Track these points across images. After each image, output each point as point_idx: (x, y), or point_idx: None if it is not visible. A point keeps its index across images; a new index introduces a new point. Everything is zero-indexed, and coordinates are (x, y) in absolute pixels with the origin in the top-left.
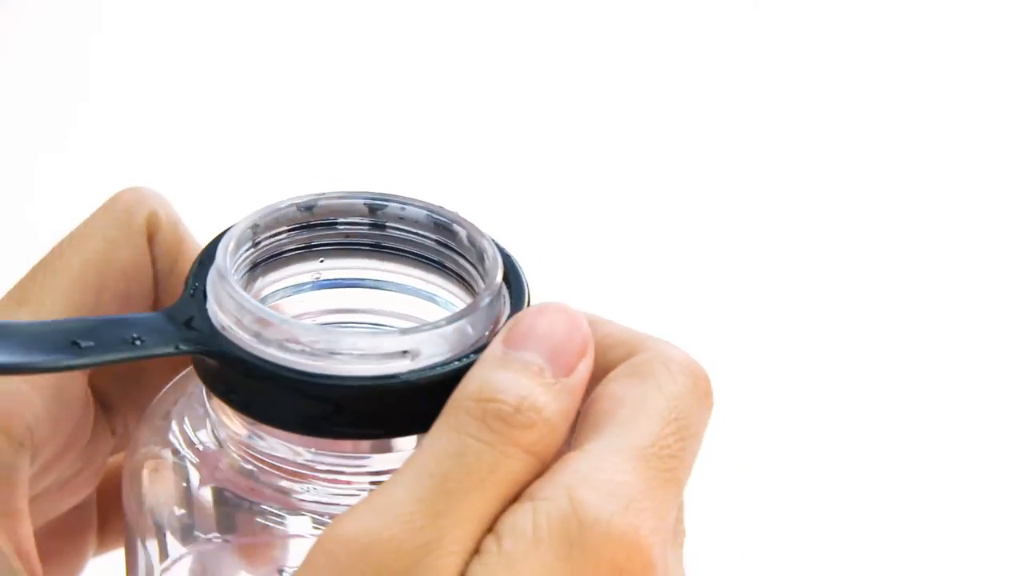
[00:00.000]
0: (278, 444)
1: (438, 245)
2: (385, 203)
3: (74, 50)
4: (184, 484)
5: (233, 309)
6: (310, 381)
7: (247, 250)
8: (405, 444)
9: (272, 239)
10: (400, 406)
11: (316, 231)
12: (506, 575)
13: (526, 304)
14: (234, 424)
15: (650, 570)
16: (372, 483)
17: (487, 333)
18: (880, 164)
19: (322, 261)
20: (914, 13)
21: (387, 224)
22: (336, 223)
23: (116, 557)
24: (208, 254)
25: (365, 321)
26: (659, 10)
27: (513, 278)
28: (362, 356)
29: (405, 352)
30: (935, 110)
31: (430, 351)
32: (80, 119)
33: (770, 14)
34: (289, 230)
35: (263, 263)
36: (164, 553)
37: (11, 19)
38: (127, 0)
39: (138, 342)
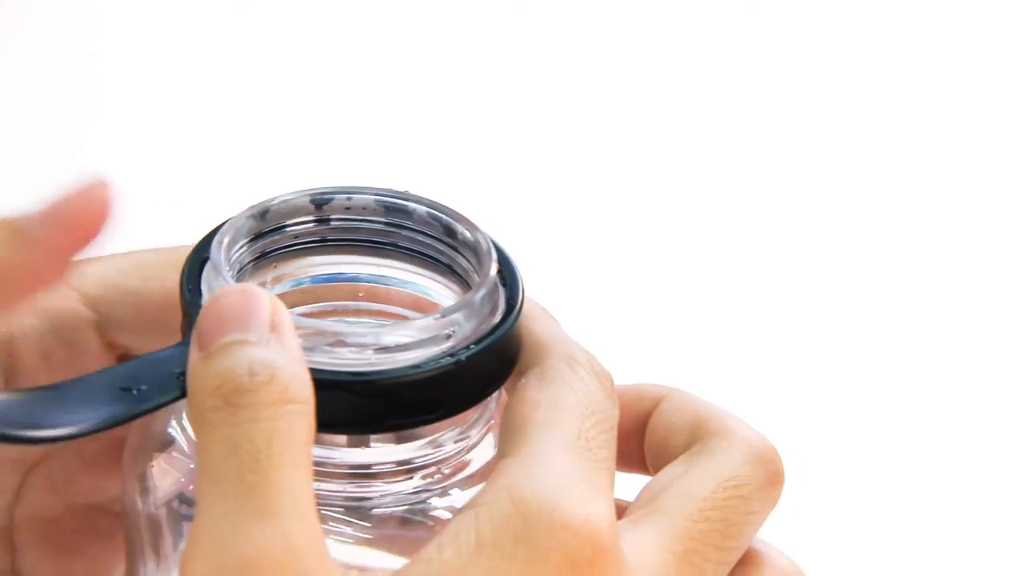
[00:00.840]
0: None
1: (389, 227)
2: (331, 196)
3: (71, 50)
4: (182, 478)
5: None
6: (371, 380)
7: (230, 268)
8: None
9: (238, 252)
10: (454, 386)
11: (268, 237)
12: None
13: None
14: None
15: (602, 554)
16: (351, 471)
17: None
18: (879, 165)
19: (275, 267)
20: (914, 13)
21: (331, 217)
22: (285, 226)
23: None
24: (191, 276)
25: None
26: (659, 11)
27: (482, 243)
28: (406, 347)
29: (448, 336)
30: (935, 110)
31: (463, 329)
32: (76, 119)
33: (769, 16)
34: (248, 241)
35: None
36: (166, 549)
37: (11, 19)
38: (124, 1)
39: (183, 377)
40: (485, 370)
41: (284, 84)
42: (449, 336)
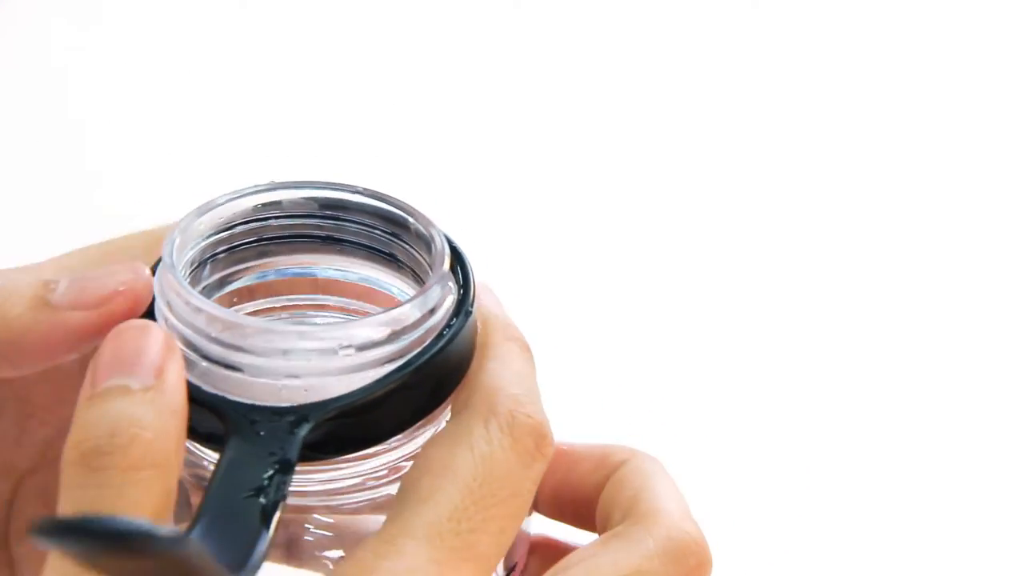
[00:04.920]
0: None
1: (331, 221)
2: (273, 192)
3: (69, 49)
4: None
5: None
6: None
7: (182, 269)
8: None
9: (189, 252)
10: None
11: (216, 236)
12: None
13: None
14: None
15: None
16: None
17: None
18: (879, 165)
19: (224, 266)
20: (914, 13)
21: (273, 215)
22: (231, 226)
23: None
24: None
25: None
26: (659, 11)
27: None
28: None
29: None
30: (935, 110)
31: (432, 319)
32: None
33: (769, 14)
34: (197, 241)
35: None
36: None
37: (10, 19)
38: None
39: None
40: (453, 361)
41: (273, 83)
42: (414, 325)
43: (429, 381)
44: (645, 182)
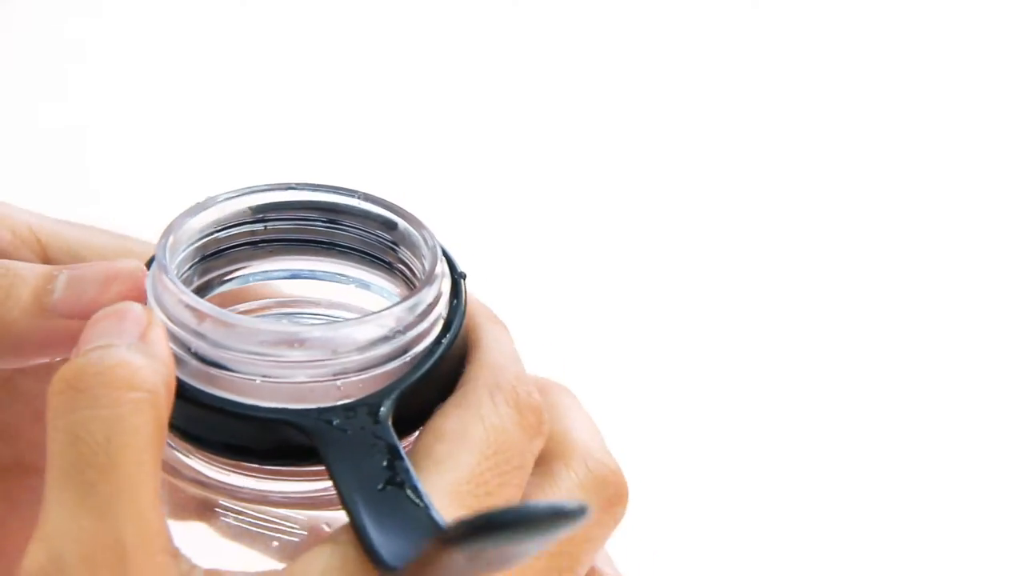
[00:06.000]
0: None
1: (326, 225)
2: (268, 193)
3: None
4: None
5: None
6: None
7: (176, 269)
8: None
9: (182, 252)
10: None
11: (208, 237)
12: None
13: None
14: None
15: None
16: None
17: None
18: (879, 165)
19: (216, 267)
20: (914, 13)
21: (268, 217)
22: (224, 227)
23: None
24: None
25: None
26: (658, 10)
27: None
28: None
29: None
30: (934, 110)
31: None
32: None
33: (769, 14)
34: (191, 242)
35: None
36: None
37: (10, 19)
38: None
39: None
40: (463, 334)
41: (274, 83)
42: (433, 304)
43: (457, 354)
44: (640, 182)
